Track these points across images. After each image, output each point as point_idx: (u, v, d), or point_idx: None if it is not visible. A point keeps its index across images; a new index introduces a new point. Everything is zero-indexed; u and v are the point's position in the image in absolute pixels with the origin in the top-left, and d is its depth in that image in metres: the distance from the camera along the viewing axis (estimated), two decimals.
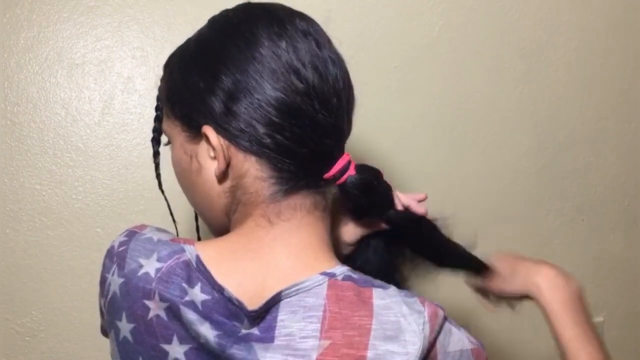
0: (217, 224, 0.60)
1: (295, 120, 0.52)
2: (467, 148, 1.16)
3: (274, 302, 0.51)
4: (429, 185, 1.14)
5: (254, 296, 0.51)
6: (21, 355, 0.94)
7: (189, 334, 0.50)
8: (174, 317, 0.50)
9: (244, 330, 0.50)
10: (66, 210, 0.95)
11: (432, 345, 0.52)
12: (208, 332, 0.49)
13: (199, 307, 0.50)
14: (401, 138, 1.12)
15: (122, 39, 0.97)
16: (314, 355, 0.49)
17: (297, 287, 0.51)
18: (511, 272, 0.69)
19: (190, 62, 0.57)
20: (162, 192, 0.66)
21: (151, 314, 0.50)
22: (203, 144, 0.55)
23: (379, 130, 1.09)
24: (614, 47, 1.26)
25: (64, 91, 0.95)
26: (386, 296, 0.52)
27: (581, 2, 1.22)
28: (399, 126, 1.11)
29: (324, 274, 0.53)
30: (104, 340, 0.58)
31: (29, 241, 0.94)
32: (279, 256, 0.53)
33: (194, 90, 0.55)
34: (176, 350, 0.50)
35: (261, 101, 0.52)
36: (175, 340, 0.50)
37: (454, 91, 1.14)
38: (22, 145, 0.93)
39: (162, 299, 0.50)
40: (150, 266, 0.51)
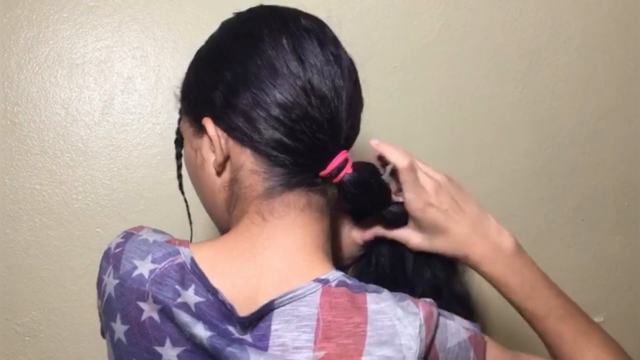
0: (222, 221, 0.60)
1: (290, 114, 0.52)
2: (467, 148, 1.16)
3: (266, 310, 0.51)
4: None
5: (248, 297, 0.51)
6: (21, 355, 0.94)
7: (182, 336, 0.50)
8: (167, 319, 0.50)
9: (237, 335, 0.50)
10: (66, 210, 0.95)
11: (430, 346, 0.52)
12: (202, 333, 0.49)
13: (192, 309, 0.50)
14: (401, 138, 1.12)
15: (122, 39, 0.97)
16: None
17: (290, 295, 0.51)
18: (433, 232, 0.62)
19: (200, 61, 0.59)
20: (183, 193, 0.67)
21: (144, 316, 0.50)
22: (206, 138, 0.56)
23: (379, 130, 1.09)
24: (614, 47, 1.26)
25: (64, 91, 0.95)
26: (380, 300, 0.52)
27: (581, 2, 1.22)
28: (399, 126, 1.11)
29: (317, 280, 0.52)
30: (103, 341, 0.58)
31: (29, 241, 0.94)
32: (273, 258, 0.53)
33: (201, 86, 0.57)
34: (169, 353, 0.50)
35: (259, 95, 0.52)
36: (168, 342, 0.50)
37: (454, 91, 1.14)
38: (22, 145, 0.93)
39: (155, 301, 0.50)
40: (144, 268, 0.51)
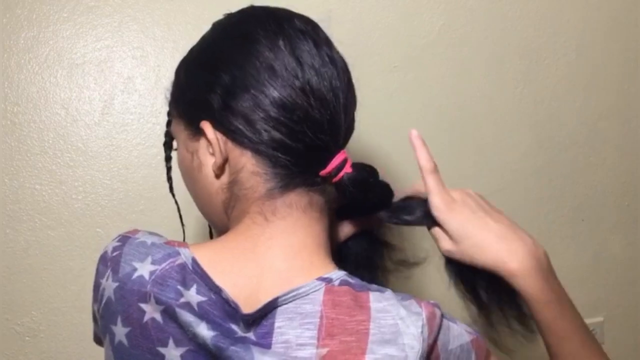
0: (219, 223, 0.60)
1: (292, 115, 0.52)
2: (467, 148, 1.16)
3: (270, 308, 0.51)
4: None
5: (249, 297, 0.51)
6: (21, 355, 0.94)
7: (185, 337, 0.50)
8: (170, 319, 0.50)
9: (240, 333, 0.50)
10: (66, 210, 0.95)
11: (433, 346, 0.52)
12: (205, 333, 0.49)
13: (195, 309, 0.50)
14: (401, 138, 1.11)
15: (122, 39, 0.97)
16: None
17: (293, 293, 0.51)
18: (463, 240, 0.60)
19: (193, 63, 0.59)
20: (174, 196, 0.67)
21: (146, 317, 0.50)
22: (203, 141, 0.56)
23: (379, 130, 1.09)
24: (614, 47, 1.26)
25: (64, 91, 0.95)
26: (383, 299, 0.52)
27: (581, 2, 1.22)
28: (399, 126, 1.11)
29: (320, 279, 0.53)
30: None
31: (29, 241, 0.94)
32: (274, 258, 0.53)
33: (195, 88, 0.57)
34: (172, 354, 0.50)
35: (258, 97, 0.52)
36: (171, 343, 0.50)
37: (454, 91, 1.14)
38: (22, 145, 0.93)
39: (157, 302, 0.50)
40: (144, 269, 0.51)
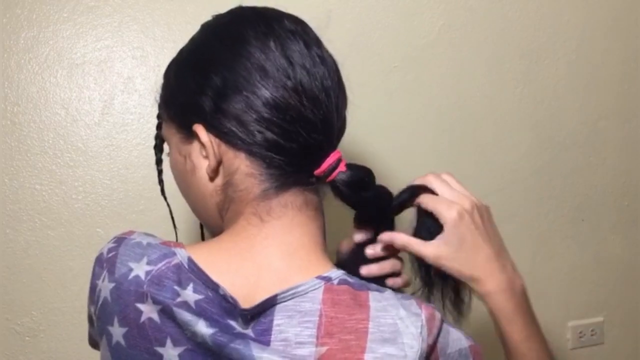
0: (213, 224, 0.60)
1: (284, 115, 0.52)
2: (467, 148, 1.16)
3: (269, 304, 0.51)
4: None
5: (247, 296, 0.51)
6: (21, 355, 0.94)
7: (183, 336, 0.50)
8: (167, 319, 0.50)
9: (239, 329, 0.50)
10: (66, 210, 0.95)
11: (432, 348, 0.52)
12: (204, 330, 0.49)
13: (192, 307, 0.50)
14: (401, 138, 1.12)
15: (122, 39, 0.97)
16: None
17: (292, 291, 0.51)
18: (458, 250, 0.59)
19: (183, 65, 0.59)
20: (165, 199, 0.66)
21: (143, 317, 0.50)
22: (196, 144, 0.56)
23: (378, 130, 1.09)
24: (614, 47, 1.26)
25: (64, 91, 0.95)
26: (382, 299, 0.52)
27: (581, 2, 1.22)
28: (399, 126, 1.11)
29: (319, 277, 0.52)
30: None
31: (29, 241, 0.94)
32: (272, 257, 0.53)
33: (186, 91, 0.56)
34: (170, 353, 0.50)
35: (250, 98, 0.52)
36: (169, 342, 0.50)
37: (454, 91, 1.14)
38: (22, 145, 0.93)
39: (154, 302, 0.50)
40: (140, 269, 0.51)
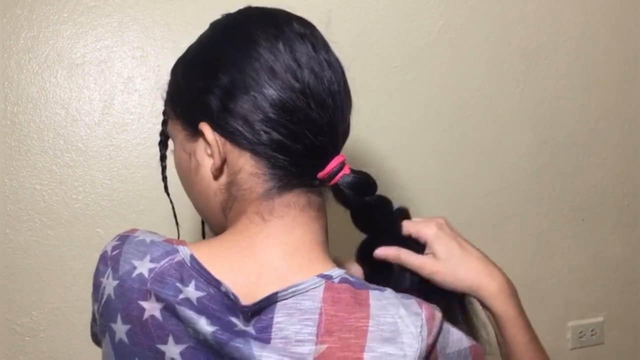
0: (216, 223, 0.60)
1: (291, 117, 0.53)
2: (467, 148, 1.16)
3: (269, 302, 0.51)
4: (429, 186, 1.14)
5: (248, 294, 0.51)
6: (21, 355, 0.94)
7: (185, 334, 0.50)
8: (170, 316, 0.50)
9: (240, 326, 0.51)
10: (66, 210, 0.95)
11: (432, 347, 0.52)
12: (206, 328, 0.49)
13: (195, 304, 0.50)
14: (401, 138, 1.12)
15: (122, 39, 0.97)
16: (310, 359, 0.49)
17: (293, 289, 0.51)
18: (450, 259, 0.62)
19: (191, 64, 0.59)
20: (168, 195, 0.67)
21: (146, 315, 0.50)
22: (201, 142, 0.57)
23: (378, 131, 1.09)
24: (614, 47, 1.26)
25: (64, 91, 0.95)
26: (383, 298, 0.52)
27: (581, 2, 1.22)
28: (399, 126, 1.11)
29: (320, 276, 0.53)
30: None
31: (29, 241, 0.94)
32: (273, 255, 0.54)
33: (193, 89, 0.57)
34: (172, 351, 0.50)
35: (257, 98, 0.53)
36: (171, 340, 0.50)
37: (454, 91, 1.14)
38: (22, 145, 0.93)
39: (158, 299, 0.50)
40: (143, 267, 0.52)
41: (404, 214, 0.65)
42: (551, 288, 1.24)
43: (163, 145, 0.65)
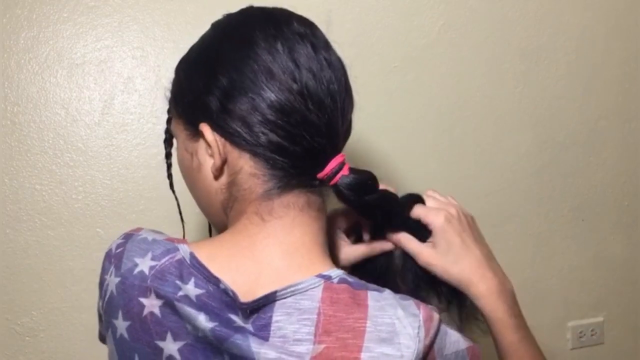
0: (218, 221, 0.61)
1: (289, 118, 0.53)
2: (467, 148, 1.16)
3: (268, 300, 0.51)
4: (429, 186, 1.13)
5: (247, 293, 0.52)
6: (21, 355, 0.94)
7: (184, 331, 0.50)
8: (169, 313, 0.51)
9: (239, 323, 0.51)
10: (66, 210, 0.95)
11: (429, 349, 0.52)
12: (205, 324, 0.49)
13: (194, 301, 0.50)
14: (401, 138, 1.12)
15: (122, 39, 0.97)
16: (307, 359, 0.49)
17: (292, 289, 0.52)
18: (448, 254, 0.62)
19: (192, 64, 0.59)
20: (174, 193, 0.67)
21: (146, 311, 0.51)
22: (202, 142, 0.57)
23: (378, 131, 1.09)
24: (614, 47, 1.26)
25: (64, 91, 0.95)
26: (381, 299, 0.53)
27: (581, 2, 1.22)
28: (399, 126, 1.11)
29: (319, 276, 0.53)
30: None
31: (29, 241, 0.94)
32: (272, 255, 0.54)
33: (194, 90, 0.57)
34: (170, 347, 0.50)
35: (256, 100, 0.53)
36: (169, 337, 0.50)
37: (454, 91, 1.14)
38: (22, 145, 0.93)
39: (157, 296, 0.51)
40: (144, 265, 0.52)
41: (417, 198, 0.66)
42: (551, 288, 1.24)
43: (168, 143, 0.65)
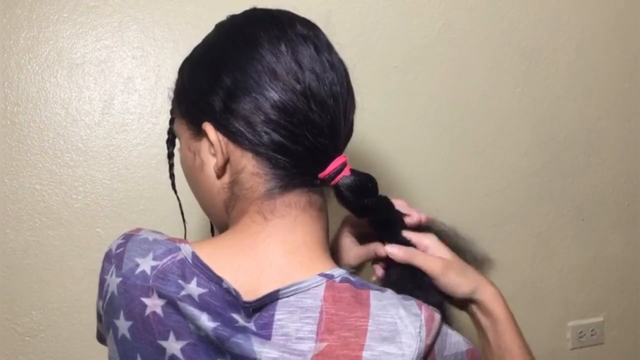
0: (220, 221, 0.61)
1: (292, 118, 0.53)
2: (467, 148, 1.16)
3: (270, 299, 0.51)
4: (429, 186, 1.14)
5: (249, 292, 0.52)
6: (21, 355, 0.94)
7: (187, 330, 0.50)
8: (172, 313, 0.51)
9: (241, 322, 0.51)
10: (66, 210, 0.95)
11: (430, 348, 0.52)
12: (207, 324, 0.50)
13: (196, 300, 0.50)
14: (401, 138, 1.12)
15: (122, 39, 0.97)
16: (310, 356, 0.50)
17: (295, 287, 0.52)
18: (450, 268, 0.64)
19: (196, 64, 0.60)
20: (175, 192, 0.67)
21: (148, 311, 0.51)
22: (205, 141, 0.57)
23: (379, 131, 1.09)
24: (614, 47, 1.26)
25: (64, 91, 0.95)
26: (383, 298, 0.53)
27: (581, 2, 1.23)
28: (399, 126, 1.11)
29: (321, 275, 0.53)
30: None
31: (29, 241, 0.94)
32: (274, 254, 0.54)
33: (198, 89, 0.57)
34: (173, 347, 0.51)
35: (259, 100, 0.53)
36: (172, 336, 0.51)
37: (454, 91, 1.14)
38: (22, 145, 0.93)
39: (160, 296, 0.51)
40: (146, 264, 0.52)
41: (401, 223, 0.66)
42: (551, 288, 1.24)
43: (170, 143, 0.65)
